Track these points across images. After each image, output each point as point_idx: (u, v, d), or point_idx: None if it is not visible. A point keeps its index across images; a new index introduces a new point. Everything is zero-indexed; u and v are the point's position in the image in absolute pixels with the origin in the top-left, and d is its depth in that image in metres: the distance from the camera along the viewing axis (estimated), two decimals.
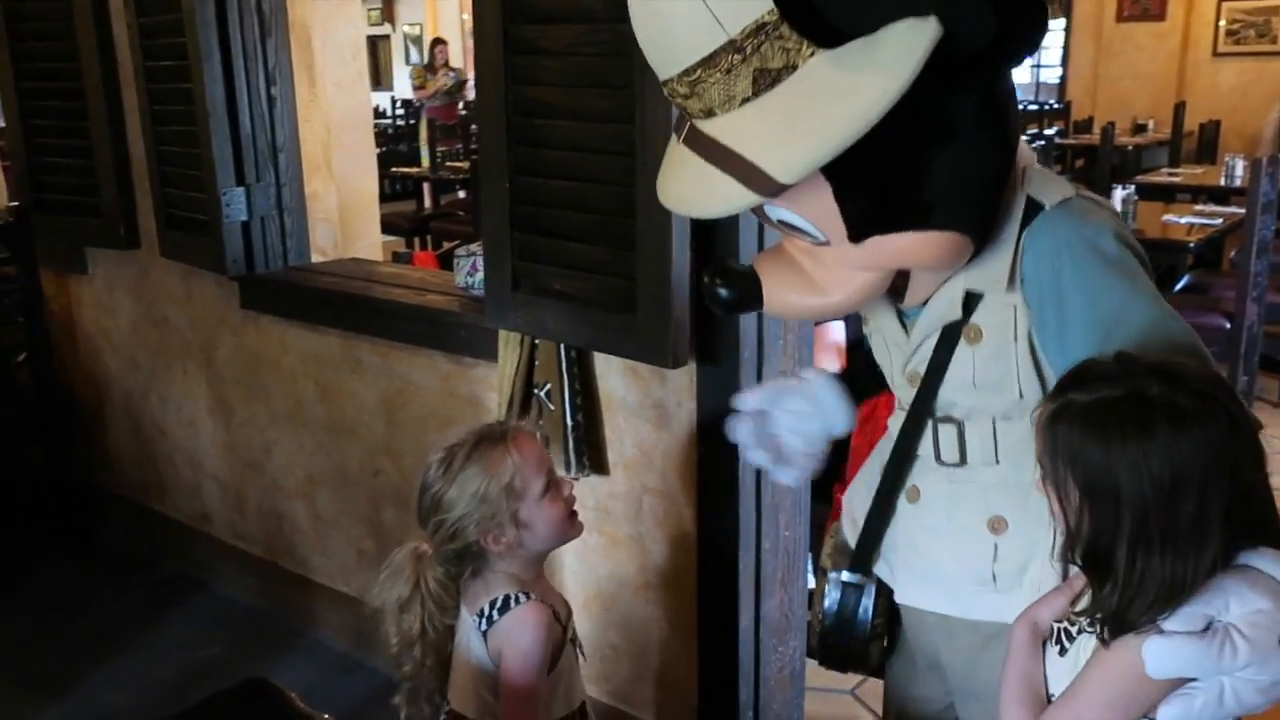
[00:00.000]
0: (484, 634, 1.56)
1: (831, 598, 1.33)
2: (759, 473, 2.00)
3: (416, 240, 7.28)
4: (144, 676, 2.76)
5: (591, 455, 2.14)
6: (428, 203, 7.89)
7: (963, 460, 1.20)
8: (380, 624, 1.60)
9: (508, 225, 1.98)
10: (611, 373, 2.10)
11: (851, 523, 1.37)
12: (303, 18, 2.81)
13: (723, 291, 1.17)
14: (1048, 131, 7.78)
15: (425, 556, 1.56)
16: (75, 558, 3.37)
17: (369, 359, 2.55)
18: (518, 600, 1.55)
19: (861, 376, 1.39)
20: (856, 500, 1.37)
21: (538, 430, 2.13)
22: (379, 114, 12.58)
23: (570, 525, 1.60)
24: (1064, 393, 0.97)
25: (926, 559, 1.25)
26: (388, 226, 7.10)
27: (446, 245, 6.45)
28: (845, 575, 1.32)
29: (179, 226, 2.79)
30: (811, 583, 2.66)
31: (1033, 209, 1.10)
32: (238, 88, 2.56)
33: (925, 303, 1.17)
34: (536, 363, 2.11)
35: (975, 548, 1.21)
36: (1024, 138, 1.24)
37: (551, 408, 2.11)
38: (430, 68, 9.91)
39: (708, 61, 0.96)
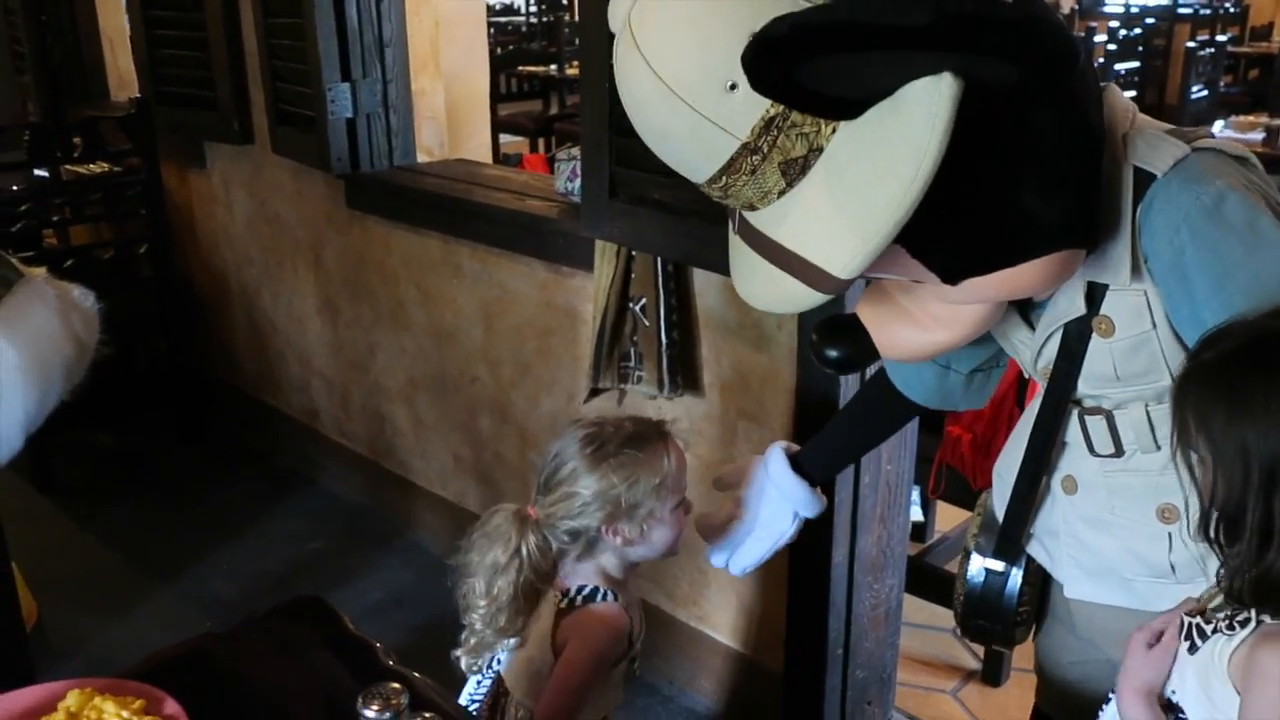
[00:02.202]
0: (558, 611, 1.46)
1: (975, 580, 1.27)
2: None
3: (540, 141, 7.22)
4: (252, 566, 2.84)
5: (686, 375, 2.05)
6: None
7: (1119, 451, 1.11)
8: (460, 581, 1.47)
9: (607, 128, 1.87)
10: (710, 289, 1.99)
11: (1001, 499, 1.28)
12: None
13: (831, 353, 1.12)
14: (1220, 38, 7.13)
15: (529, 520, 1.46)
16: (192, 446, 3.48)
17: (468, 264, 2.50)
18: (605, 597, 1.47)
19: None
20: (1005, 478, 1.28)
21: (632, 347, 2.06)
22: (512, 10, 12.45)
23: (677, 546, 1.53)
24: (1194, 357, 0.90)
25: (1094, 553, 1.16)
26: (512, 127, 7.05)
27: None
28: (991, 562, 1.26)
29: (288, 122, 2.77)
30: (916, 515, 2.56)
31: (1144, 180, 0.97)
32: None
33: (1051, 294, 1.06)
34: (633, 275, 2.02)
35: (1147, 539, 1.11)
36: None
37: (646, 323, 2.02)
38: None
39: (728, 168, 0.91)
